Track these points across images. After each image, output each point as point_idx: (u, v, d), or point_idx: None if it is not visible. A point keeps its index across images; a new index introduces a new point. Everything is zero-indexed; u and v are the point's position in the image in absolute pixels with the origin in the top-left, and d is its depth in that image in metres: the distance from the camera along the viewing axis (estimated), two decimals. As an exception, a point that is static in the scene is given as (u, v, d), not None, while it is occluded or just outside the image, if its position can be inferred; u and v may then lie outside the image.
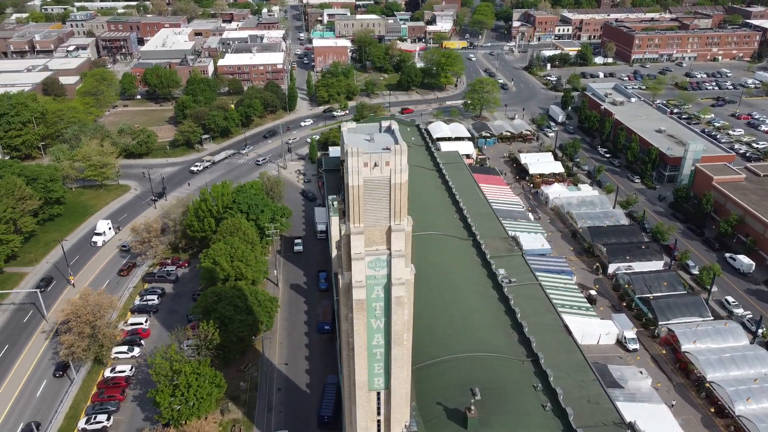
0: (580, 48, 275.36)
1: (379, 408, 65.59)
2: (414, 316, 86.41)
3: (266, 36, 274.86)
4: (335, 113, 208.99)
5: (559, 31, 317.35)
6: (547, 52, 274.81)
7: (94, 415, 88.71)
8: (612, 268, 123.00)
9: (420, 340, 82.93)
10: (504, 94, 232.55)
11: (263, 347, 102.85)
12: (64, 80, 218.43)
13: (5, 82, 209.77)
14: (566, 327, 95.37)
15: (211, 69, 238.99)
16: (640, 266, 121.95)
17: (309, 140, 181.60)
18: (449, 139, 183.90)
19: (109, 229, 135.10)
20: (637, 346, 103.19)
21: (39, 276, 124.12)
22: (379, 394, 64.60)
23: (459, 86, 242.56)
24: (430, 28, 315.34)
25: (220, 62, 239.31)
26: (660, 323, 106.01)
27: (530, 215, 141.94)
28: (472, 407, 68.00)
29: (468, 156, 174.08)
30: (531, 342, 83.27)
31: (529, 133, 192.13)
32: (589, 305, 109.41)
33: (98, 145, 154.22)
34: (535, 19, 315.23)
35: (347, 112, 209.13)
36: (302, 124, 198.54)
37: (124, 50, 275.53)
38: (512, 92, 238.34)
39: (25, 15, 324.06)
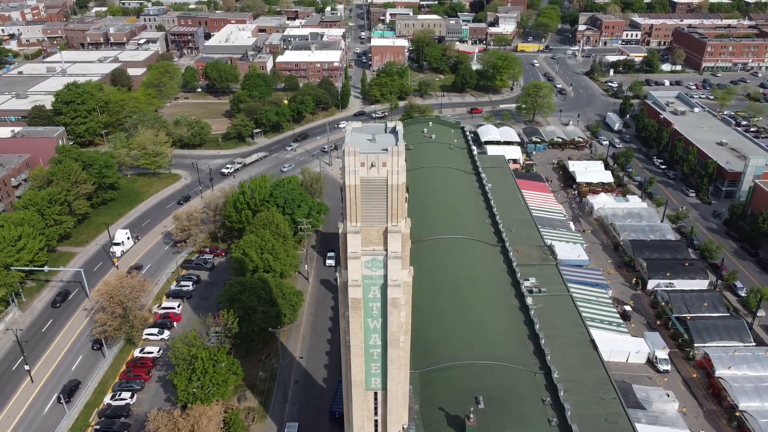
0: (646, 54, 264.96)
1: (376, 408, 65.68)
2: (426, 320, 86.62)
3: (326, 34, 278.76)
4: (374, 115, 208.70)
5: (627, 36, 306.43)
6: (611, 58, 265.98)
7: (119, 392, 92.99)
8: (651, 284, 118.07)
9: (430, 343, 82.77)
10: (561, 99, 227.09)
11: (286, 339, 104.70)
12: (131, 72, 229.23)
13: (78, 71, 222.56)
14: (592, 341, 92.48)
15: (270, 65, 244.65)
16: (681, 284, 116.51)
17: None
18: (498, 143, 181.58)
19: (128, 239, 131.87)
20: (668, 367, 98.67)
21: (88, 256, 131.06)
22: (376, 394, 64.67)
23: (516, 90, 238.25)
24: (492, 29, 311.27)
25: (279, 58, 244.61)
26: (695, 345, 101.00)
27: (571, 225, 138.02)
28: (471, 415, 66.94)
29: (515, 161, 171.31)
30: (545, 354, 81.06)
31: (581, 140, 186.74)
32: (621, 321, 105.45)
33: (153, 135, 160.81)
34: (602, 23, 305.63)
35: (386, 114, 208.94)
36: (339, 125, 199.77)
37: (191, 45, 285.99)
38: (570, 97, 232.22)
39: (104, 9, 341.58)
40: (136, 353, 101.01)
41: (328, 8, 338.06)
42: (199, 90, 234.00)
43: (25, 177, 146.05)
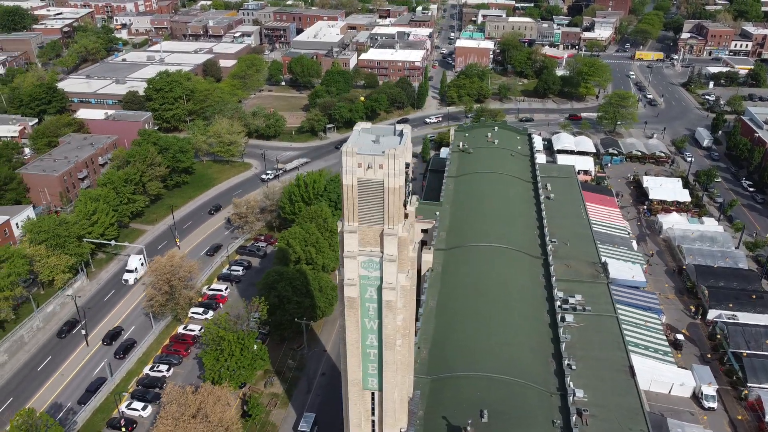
0: (752, 67, 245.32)
1: (373, 408, 65.91)
2: (449, 327, 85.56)
3: (413, 33, 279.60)
4: (427, 120, 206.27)
5: (735, 46, 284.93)
6: (713, 69, 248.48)
7: (158, 364, 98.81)
8: (712, 314, 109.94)
9: (448, 351, 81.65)
10: (650, 110, 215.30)
11: (320, 332, 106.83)
12: (223, 63, 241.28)
13: (175, 61, 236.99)
14: (631, 368, 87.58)
15: (353, 62, 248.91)
16: (746, 317, 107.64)
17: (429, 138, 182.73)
18: (571, 152, 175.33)
19: (142, 264, 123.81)
20: (714, 404, 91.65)
21: (155, 234, 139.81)
22: (373, 394, 64.89)
23: (601, 98, 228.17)
24: (586, 34, 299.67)
25: (362, 56, 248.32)
26: (749, 384, 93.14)
27: (634, 243, 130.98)
28: (469, 428, 65.59)
29: (586, 172, 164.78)
30: (566, 374, 77.78)
31: (663, 155, 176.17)
32: (668, 350, 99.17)
33: (229, 125, 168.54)
34: (708, 31, 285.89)
35: (440, 119, 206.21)
36: (427, 120, 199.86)
37: (282, 39, 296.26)
38: (660, 109, 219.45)
39: (209, 2, 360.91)
40: (180, 329, 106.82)
41: (420, 8, 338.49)
42: (283, 83, 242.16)
43: (110, 157, 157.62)
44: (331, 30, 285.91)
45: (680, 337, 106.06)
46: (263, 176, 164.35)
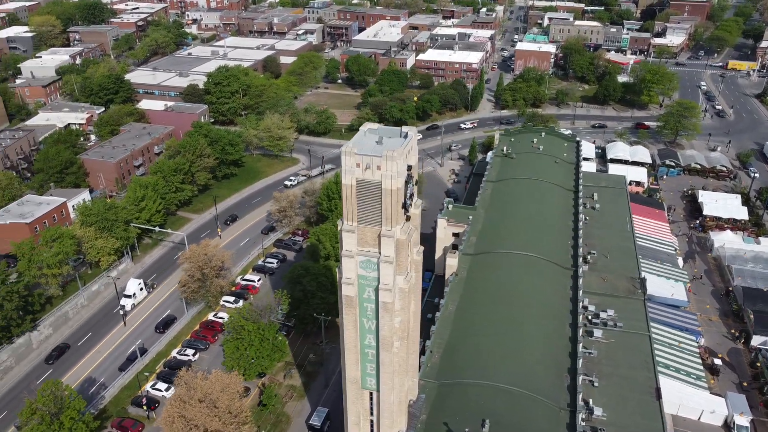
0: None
1: (372, 408, 66.07)
2: (464, 333, 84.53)
3: (474, 35, 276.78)
4: (462, 126, 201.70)
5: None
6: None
7: (186, 348, 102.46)
8: (756, 340, 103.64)
9: (460, 357, 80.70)
10: (717, 121, 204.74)
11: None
12: (283, 59, 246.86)
13: (237, 56, 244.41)
14: (657, 390, 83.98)
15: (411, 62, 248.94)
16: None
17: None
18: (625, 162, 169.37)
19: (141, 289, 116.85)
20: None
21: (200, 223, 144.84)
22: (372, 394, 65.05)
23: (666, 107, 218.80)
24: (656, 40, 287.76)
25: (419, 56, 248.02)
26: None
27: (680, 260, 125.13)
28: (466, 436, 64.71)
29: (638, 183, 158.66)
30: (578, 390, 75.36)
31: (724, 169, 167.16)
32: (702, 374, 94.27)
33: (279, 120, 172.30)
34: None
35: (474, 124, 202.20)
36: (462, 125, 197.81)
37: (344, 38, 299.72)
38: (728, 121, 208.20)
39: (277, 0, 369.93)
40: (210, 316, 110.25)
41: (484, 9, 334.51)
42: (339, 81, 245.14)
43: (164, 146, 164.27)
44: (391, 30, 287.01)
45: (718, 362, 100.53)
46: (287, 182, 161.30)
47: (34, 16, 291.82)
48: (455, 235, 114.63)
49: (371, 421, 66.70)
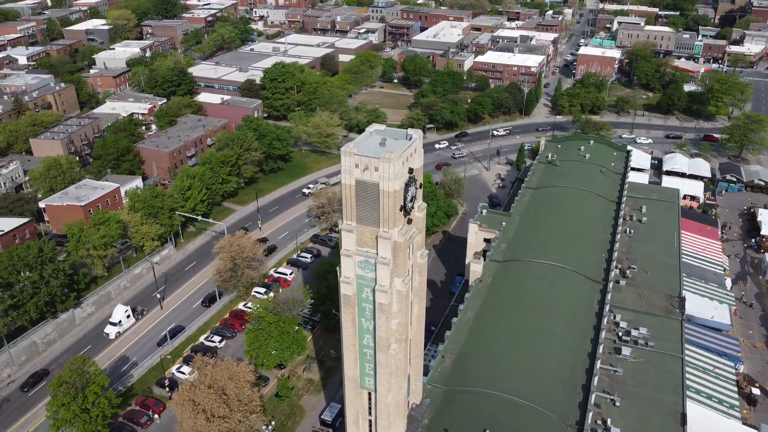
0: None
1: (371, 408, 66.25)
2: (480, 340, 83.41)
3: (536, 38, 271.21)
4: (496, 132, 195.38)
5: None
6: None
7: (213, 335, 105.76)
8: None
9: (472, 364, 79.77)
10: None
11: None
12: (342, 57, 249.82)
13: (297, 53, 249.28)
14: (683, 415, 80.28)
15: (469, 64, 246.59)
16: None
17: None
18: (682, 174, 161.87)
19: (128, 317, 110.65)
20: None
21: (243, 215, 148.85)
22: (370, 394, 65.23)
23: (732, 119, 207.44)
24: (732, 48, 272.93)
25: (478, 58, 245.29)
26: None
27: (728, 281, 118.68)
28: (462, 445, 63.84)
29: (693, 198, 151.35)
30: (588, 409, 72.86)
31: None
32: (736, 403, 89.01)
33: (328, 117, 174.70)
34: None
35: (508, 131, 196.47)
36: (494, 132, 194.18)
37: (405, 37, 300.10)
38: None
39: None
40: (240, 306, 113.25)
41: (550, 12, 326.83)
42: (395, 81, 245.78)
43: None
44: (453, 30, 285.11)
45: (757, 391, 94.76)
46: (305, 190, 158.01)
47: (112, 10, 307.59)
48: (487, 240, 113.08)
49: (370, 420, 66.84)
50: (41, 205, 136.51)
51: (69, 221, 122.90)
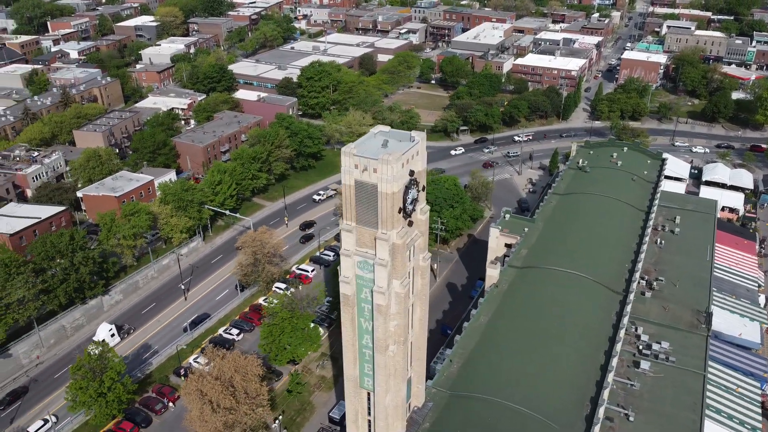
0: None
1: (370, 408, 66.38)
2: (490, 346, 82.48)
3: (580, 41, 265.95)
4: (517, 137, 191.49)
5: None
6: None
7: (232, 328, 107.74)
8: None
9: (479, 370, 79.06)
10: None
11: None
12: (380, 57, 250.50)
13: (336, 52, 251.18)
14: (700, 435, 77.82)
15: (508, 66, 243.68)
16: None
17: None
18: (722, 185, 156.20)
19: (112, 335, 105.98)
20: (800, 500, 77.52)
21: (271, 211, 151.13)
22: (369, 394, 65.36)
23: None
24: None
25: (517, 61, 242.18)
26: None
27: (762, 298, 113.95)
28: (459, 451, 63.30)
29: (732, 210, 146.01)
30: (595, 422, 71.11)
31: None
32: (758, 425, 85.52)
33: (361, 116, 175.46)
34: None
35: (530, 137, 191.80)
36: (516, 138, 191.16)
37: (446, 38, 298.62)
38: None
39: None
40: (261, 300, 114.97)
41: (596, 14, 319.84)
42: (433, 82, 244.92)
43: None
44: (494, 32, 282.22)
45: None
46: (315, 197, 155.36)
47: (161, 7, 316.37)
48: (508, 246, 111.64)
49: (369, 421, 66.97)
50: (79, 194, 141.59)
51: (104, 211, 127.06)
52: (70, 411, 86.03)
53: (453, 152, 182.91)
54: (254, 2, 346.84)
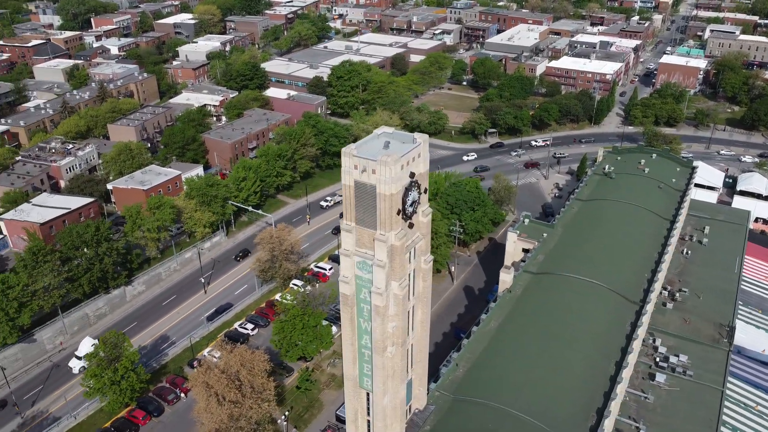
0: None
1: (369, 408, 66.49)
2: (498, 351, 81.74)
3: (617, 44, 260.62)
4: (534, 142, 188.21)
5: None
6: None
7: (247, 322, 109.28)
8: None
9: (484, 375, 78.41)
10: None
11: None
12: (413, 58, 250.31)
13: (368, 52, 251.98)
14: (713, 453, 75.76)
15: (542, 68, 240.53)
16: None
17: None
18: (758, 196, 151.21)
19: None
20: None
21: (294, 208, 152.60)
22: (368, 394, 65.45)
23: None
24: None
25: (551, 63, 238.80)
26: None
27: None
28: (454, 456, 62.85)
29: (766, 221, 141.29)
30: (599, 434, 69.75)
31: None
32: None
33: (388, 116, 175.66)
34: None
35: (548, 142, 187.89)
36: (533, 143, 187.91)
37: (481, 39, 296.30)
38: None
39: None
40: (277, 296, 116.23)
41: (636, 17, 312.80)
42: (464, 83, 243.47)
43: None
44: (529, 34, 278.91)
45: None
46: (322, 203, 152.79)
47: (200, 5, 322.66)
48: (525, 251, 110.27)
49: (368, 421, 67.09)
50: (109, 186, 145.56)
51: (132, 203, 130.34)
52: (86, 397, 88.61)
53: (465, 158, 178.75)
54: (291, 1, 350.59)
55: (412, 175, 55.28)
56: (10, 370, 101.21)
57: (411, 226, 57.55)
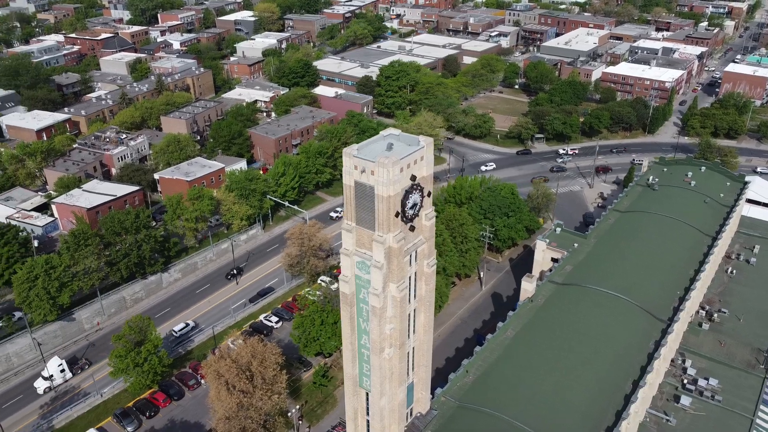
0: None
1: (368, 408, 66.68)
2: (510, 360, 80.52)
3: (680, 51, 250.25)
4: (562, 150, 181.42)
5: None
6: None
7: (272, 315, 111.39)
8: None
9: (493, 384, 77.43)
10: None
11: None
12: (466, 60, 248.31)
13: (421, 52, 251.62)
14: (735, 483, 72.23)
15: (598, 74, 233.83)
16: None
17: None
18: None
19: (62, 371, 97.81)
20: None
21: (332, 205, 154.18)
22: (368, 394, 65.64)
23: None
24: None
25: (608, 69, 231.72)
26: None
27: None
28: (449, 463, 62.20)
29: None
30: (605, 454, 67.49)
31: None
32: (807, 482, 77.72)
33: (432, 118, 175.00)
34: None
35: (576, 151, 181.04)
36: (560, 151, 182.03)
37: (538, 42, 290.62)
38: None
39: (482, 0, 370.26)
40: (304, 291, 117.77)
41: (704, 23, 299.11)
42: (516, 87, 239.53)
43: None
44: (588, 38, 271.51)
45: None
46: (332, 214, 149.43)
47: (260, 3, 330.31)
48: (554, 260, 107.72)
49: (368, 421, 67.28)
50: (156, 176, 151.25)
51: (175, 194, 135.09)
52: (111, 376, 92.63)
53: (483, 168, 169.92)
54: (350, 0, 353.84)
55: (413, 177, 55.02)
56: (50, 345, 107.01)
57: (412, 229, 57.32)
